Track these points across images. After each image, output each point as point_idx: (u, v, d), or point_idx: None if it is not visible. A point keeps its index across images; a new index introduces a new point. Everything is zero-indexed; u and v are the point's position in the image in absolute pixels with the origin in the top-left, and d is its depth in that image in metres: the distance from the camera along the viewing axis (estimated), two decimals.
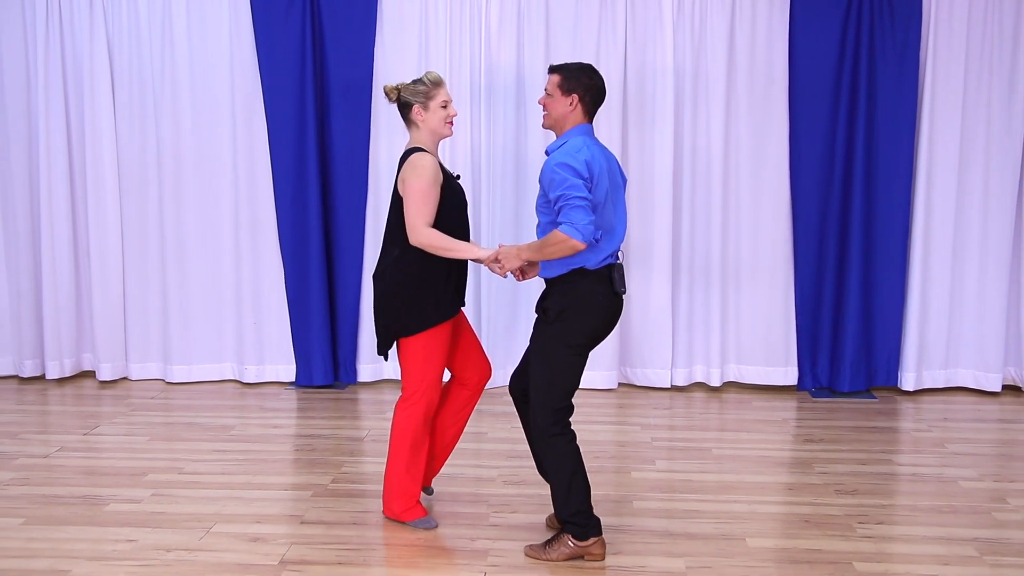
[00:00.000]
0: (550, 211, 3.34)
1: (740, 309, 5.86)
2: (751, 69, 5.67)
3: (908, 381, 5.78)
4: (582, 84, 3.39)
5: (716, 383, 5.88)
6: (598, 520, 3.46)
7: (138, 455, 4.62)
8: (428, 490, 4.05)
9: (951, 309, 5.79)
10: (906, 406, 5.59)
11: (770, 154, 5.71)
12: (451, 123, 3.67)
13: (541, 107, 3.48)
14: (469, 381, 3.86)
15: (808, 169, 5.71)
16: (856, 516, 3.86)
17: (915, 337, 5.75)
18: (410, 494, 3.74)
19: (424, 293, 3.59)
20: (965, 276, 5.78)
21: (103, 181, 5.90)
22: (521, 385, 3.63)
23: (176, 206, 5.91)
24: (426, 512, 3.78)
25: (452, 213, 3.64)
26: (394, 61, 5.75)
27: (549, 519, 3.78)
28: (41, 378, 6.12)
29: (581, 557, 3.44)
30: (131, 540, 3.60)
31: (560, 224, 3.21)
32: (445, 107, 3.67)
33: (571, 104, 3.39)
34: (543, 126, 3.50)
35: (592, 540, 3.43)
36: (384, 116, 5.77)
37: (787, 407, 5.55)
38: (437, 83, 3.65)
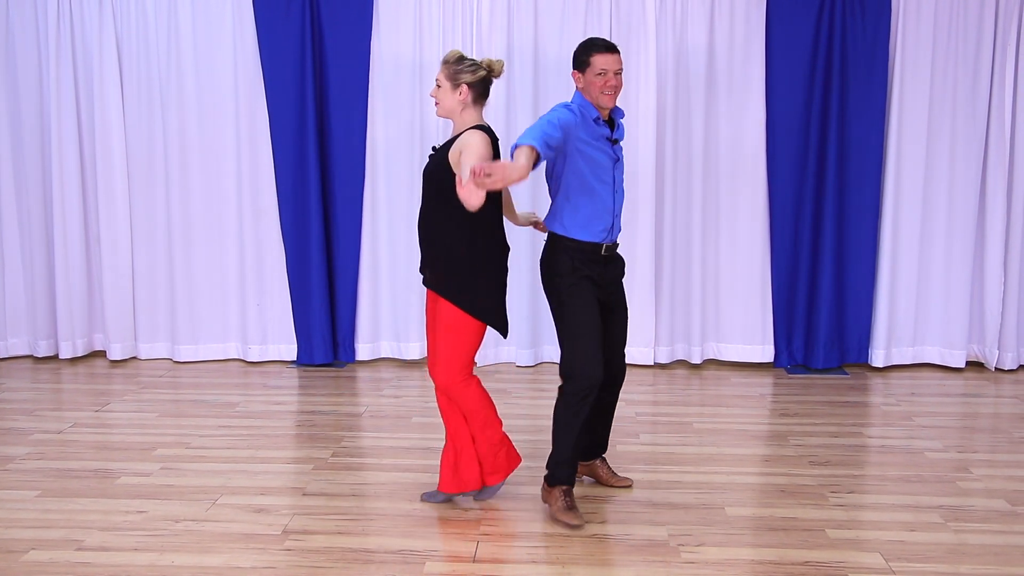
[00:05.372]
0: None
1: (720, 291, 5.85)
2: (730, 64, 5.64)
3: (878, 358, 5.79)
4: None
5: (697, 360, 5.88)
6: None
7: (147, 431, 4.60)
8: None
9: (918, 290, 5.80)
10: (876, 381, 5.60)
11: (748, 145, 5.69)
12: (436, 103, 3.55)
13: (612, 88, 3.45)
14: None
15: (784, 159, 5.69)
16: (829, 486, 3.86)
17: (884, 316, 5.76)
18: None
19: None
20: (932, 259, 5.78)
21: (112, 170, 5.84)
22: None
23: (182, 194, 5.86)
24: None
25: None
26: (390, 54, 5.70)
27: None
28: (55, 358, 6.09)
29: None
30: (141, 511, 3.59)
31: None
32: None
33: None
34: (614, 103, 3.49)
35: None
36: (380, 107, 5.73)
37: (764, 383, 5.55)
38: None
